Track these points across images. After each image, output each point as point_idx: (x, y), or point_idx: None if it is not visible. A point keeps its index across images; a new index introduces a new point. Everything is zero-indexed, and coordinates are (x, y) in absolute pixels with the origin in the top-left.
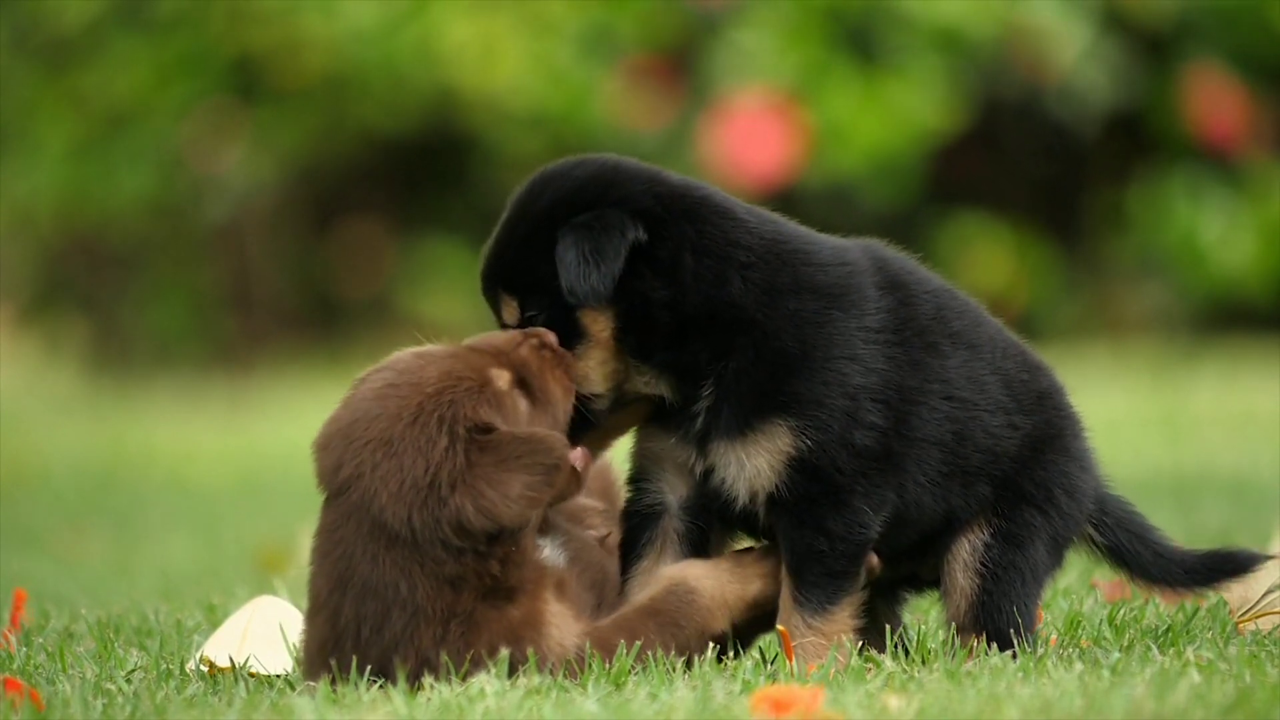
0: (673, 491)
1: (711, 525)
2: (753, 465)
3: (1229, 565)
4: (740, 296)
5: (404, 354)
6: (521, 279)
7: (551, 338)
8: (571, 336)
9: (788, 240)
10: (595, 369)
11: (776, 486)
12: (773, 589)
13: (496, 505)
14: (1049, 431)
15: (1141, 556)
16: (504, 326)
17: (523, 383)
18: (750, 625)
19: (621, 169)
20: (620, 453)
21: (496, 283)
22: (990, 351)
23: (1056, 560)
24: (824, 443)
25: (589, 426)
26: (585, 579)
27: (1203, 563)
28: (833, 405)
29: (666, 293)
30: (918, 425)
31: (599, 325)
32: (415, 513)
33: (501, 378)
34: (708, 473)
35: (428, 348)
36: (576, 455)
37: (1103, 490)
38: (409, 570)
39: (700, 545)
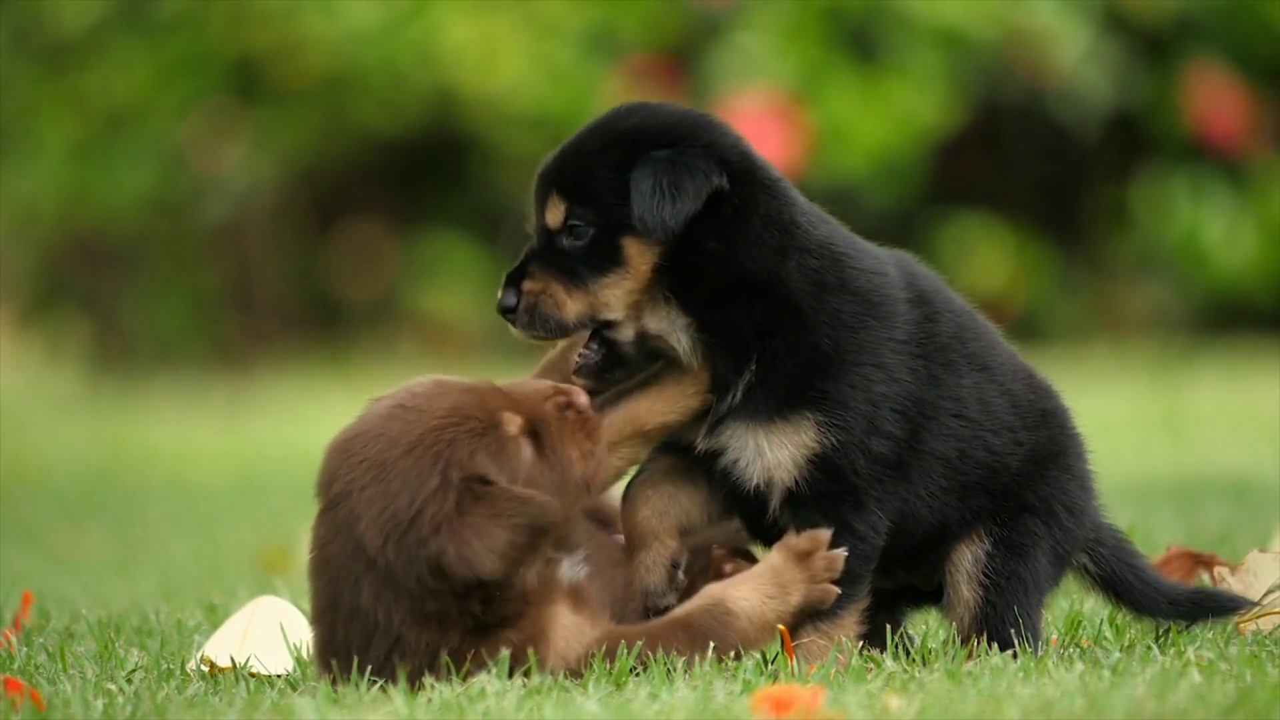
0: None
1: None
2: (773, 455)
3: (1212, 604)
4: (793, 276)
5: (425, 379)
6: (580, 186)
7: (582, 400)
8: (608, 259)
9: (838, 241)
10: (620, 297)
11: (796, 481)
12: (815, 594)
13: (479, 557)
14: (1052, 448)
15: (1132, 587)
16: (542, 229)
17: (534, 433)
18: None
19: (714, 119)
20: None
21: (551, 183)
22: (1001, 374)
23: (1058, 573)
24: (845, 444)
25: (619, 364)
26: (611, 587)
27: (1188, 597)
28: (856, 409)
29: (718, 247)
30: (927, 439)
31: (643, 258)
32: (392, 544)
33: (513, 423)
34: (715, 454)
35: (449, 378)
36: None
37: (1099, 518)
38: (385, 598)
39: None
